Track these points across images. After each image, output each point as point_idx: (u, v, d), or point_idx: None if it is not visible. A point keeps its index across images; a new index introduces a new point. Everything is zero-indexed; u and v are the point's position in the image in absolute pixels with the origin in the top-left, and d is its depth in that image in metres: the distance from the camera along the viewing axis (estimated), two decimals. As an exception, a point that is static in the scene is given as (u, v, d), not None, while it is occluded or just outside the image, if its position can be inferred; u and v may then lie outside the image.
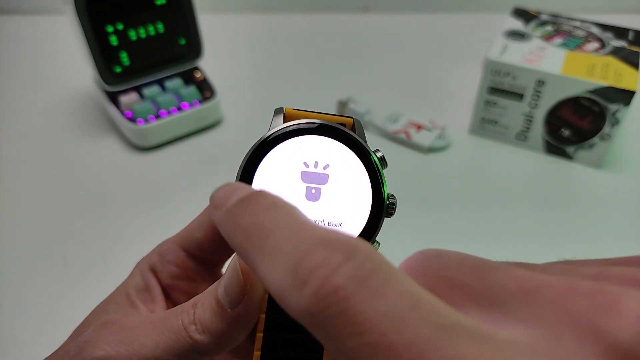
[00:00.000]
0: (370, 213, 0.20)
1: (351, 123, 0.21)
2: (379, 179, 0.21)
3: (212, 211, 0.17)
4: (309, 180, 0.20)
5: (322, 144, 0.21)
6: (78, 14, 0.50)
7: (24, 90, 0.67)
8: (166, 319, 0.21)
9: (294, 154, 0.21)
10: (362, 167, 0.21)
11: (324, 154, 0.21)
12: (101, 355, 0.20)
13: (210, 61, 0.62)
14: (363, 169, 0.21)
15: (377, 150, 0.21)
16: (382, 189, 0.21)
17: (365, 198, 0.20)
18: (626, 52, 0.55)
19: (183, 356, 0.20)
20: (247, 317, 0.20)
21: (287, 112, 0.22)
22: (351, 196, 0.20)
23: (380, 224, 0.21)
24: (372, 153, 0.21)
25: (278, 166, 0.20)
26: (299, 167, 0.21)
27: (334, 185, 0.20)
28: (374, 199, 0.20)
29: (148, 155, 0.57)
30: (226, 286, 0.20)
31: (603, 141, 0.54)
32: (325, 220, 0.20)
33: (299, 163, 0.21)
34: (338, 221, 0.20)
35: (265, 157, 0.20)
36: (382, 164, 0.21)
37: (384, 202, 0.20)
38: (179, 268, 0.25)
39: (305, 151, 0.21)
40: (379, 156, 0.21)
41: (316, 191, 0.20)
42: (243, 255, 0.15)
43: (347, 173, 0.21)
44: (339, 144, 0.21)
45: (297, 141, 0.21)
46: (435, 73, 0.71)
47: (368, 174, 0.20)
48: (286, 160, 0.21)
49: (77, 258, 0.45)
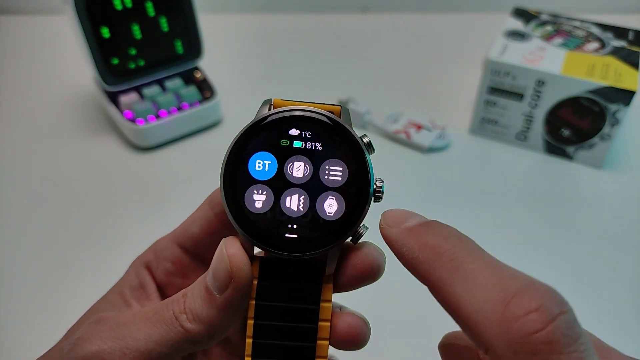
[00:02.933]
0: (357, 198, 0.20)
1: (339, 111, 0.22)
2: (365, 164, 0.21)
3: (385, 228, 0.19)
4: (295, 165, 0.21)
5: (309, 129, 0.21)
6: (78, 14, 0.50)
7: (24, 90, 0.67)
8: (157, 311, 0.21)
9: (280, 140, 0.21)
10: (349, 151, 0.21)
11: (311, 139, 0.21)
12: (94, 350, 0.20)
13: (210, 61, 0.62)
14: (350, 154, 0.21)
15: (365, 135, 0.21)
16: (368, 173, 0.21)
17: (352, 183, 0.21)
18: (626, 52, 0.55)
19: (176, 346, 0.20)
20: (236, 302, 0.20)
21: (275, 102, 0.22)
22: (338, 181, 0.21)
23: (366, 209, 0.21)
24: (359, 138, 0.21)
25: (266, 150, 0.21)
26: (286, 151, 0.21)
27: (320, 169, 0.21)
28: (360, 184, 0.21)
29: (148, 155, 0.57)
30: (214, 271, 0.20)
31: (603, 141, 0.54)
32: (312, 205, 0.20)
33: (286, 148, 0.21)
34: (325, 206, 0.20)
35: (251, 142, 0.21)
36: (369, 149, 0.21)
37: (369, 186, 0.21)
38: (174, 265, 0.25)
39: (292, 136, 0.21)
40: (366, 141, 0.21)
41: (303, 176, 0.21)
42: (425, 270, 0.17)
43: (333, 158, 0.21)
44: (325, 129, 0.21)
45: (283, 127, 0.21)
46: (435, 73, 0.71)
47: (355, 159, 0.21)
48: (274, 144, 0.21)
49: (76, 258, 0.45)
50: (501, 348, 0.15)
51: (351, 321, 0.21)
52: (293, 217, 0.20)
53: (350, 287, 0.22)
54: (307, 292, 0.21)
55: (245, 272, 0.20)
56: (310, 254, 0.20)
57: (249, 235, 0.20)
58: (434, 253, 0.17)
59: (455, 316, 0.16)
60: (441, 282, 0.17)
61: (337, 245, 0.21)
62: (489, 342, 0.15)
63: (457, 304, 0.16)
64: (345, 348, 0.22)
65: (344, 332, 0.21)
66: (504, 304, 0.15)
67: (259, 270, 0.21)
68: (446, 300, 0.17)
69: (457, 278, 0.16)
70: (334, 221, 0.20)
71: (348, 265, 0.21)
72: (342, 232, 0.20)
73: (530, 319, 0.14)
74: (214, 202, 0.24)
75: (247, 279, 0.20)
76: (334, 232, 0.20)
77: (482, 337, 0.15)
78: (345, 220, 0.20)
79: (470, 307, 0.16)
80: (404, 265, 0.19)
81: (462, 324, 0.16)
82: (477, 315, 0.15)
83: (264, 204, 0.20)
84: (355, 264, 0.21)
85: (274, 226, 0.20)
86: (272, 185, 0.21)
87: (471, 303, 0.16)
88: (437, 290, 0.17)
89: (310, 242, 0.20)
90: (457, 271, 0.17)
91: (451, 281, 0.17)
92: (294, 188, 0.21)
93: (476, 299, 0.16)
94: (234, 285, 0.20)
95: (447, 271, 0.17)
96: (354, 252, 0.21)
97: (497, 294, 0.15)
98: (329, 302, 0.21)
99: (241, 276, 0.20)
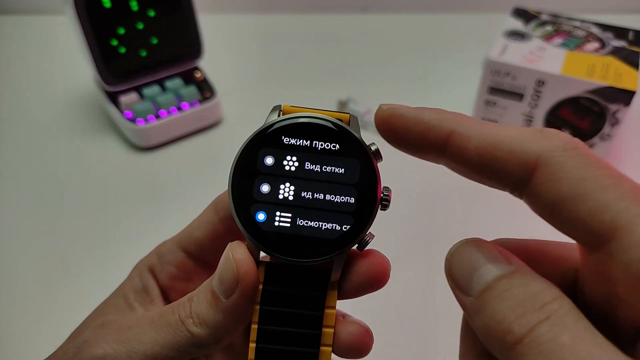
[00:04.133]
0: (364, 205, 0.20)
1: (347, 119, 0.22)
2: (374, 172, 0.21)
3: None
4: (305, 172, 0.21)
5: (318, 136, 0.21)
6: (78, 14, 0.50)
7: (24, 91, 0.67)
8: (163, 315, 0.21)
9: (288, 146, 0.21)
10: (357, 159, 0.21)
11: (319, 146, 0.21)
12: (100, 353, 0.20)
13: (210, 61, 0.62)
14: (358, 162, 0.21)
15: (373, 143, 0.21)
16: (376, 181, 0.21)
17: (359, 190, 0.21)
18: (626, 52, 0.55)
19: (182, 350, 0.20)
20: (242, 306, 0.20)
21: (285, 108, 0.22)
22: (346, 188, 0.21)
23: (373, 216, 0.21)
24: (367, 146, 0.21)
25: (273, 156, 0.21)
26: (294, 158, 0.21)
27: (329, 176, 0.21)
28: (368, 192, 0.20)
29: (148, 155, 0.57)
30: (220, 276, 0.20)
31: (603, 141, 0.54)
32: (319, 212, 0.20)
33: (294, 154, 0.21)
34: (332, 213, 0.20)
35: (261, 148, 0.21)
36: (377, 157, 0.21)
37: (377, 194, 0.21)
38: (177, 269, 0.25)
39: (300, 142, 0.21)
40: (374, 149, 0.21)
41: (311, 183, 0.21)
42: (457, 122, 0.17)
43: (342, 165, 0.21)
44: (334, 137, 0.21)
45: (292, 133, 0.21)
46: (435, 73, 0.71)
47: (363, 167, 0.21)
48: (281, 151, 0.21)
49: (76, 258, 0.45)
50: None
51: (354, 330, 0.21)
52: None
53: (355, 294, 0.22)
54: (312, 298, 0.21)
55: (252, 276, 0.20)
56: (316, 261, 0.20)
57: (255, 240, 0.20)
58: (455, 114, 0.18)
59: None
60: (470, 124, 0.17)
61: (343, 252, 0.21)
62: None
63: (496, 139, 0.17)
64: (348, 356, 0.22)
65: (347, 341, 0.21)
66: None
67: (265, 275, 0.21)
68: (486, 139, 0.17)
69: (486, 126, 0.17)
70: (341, 228, 0.20)
71: (353, 272, 0.21)
72: (349, 239, 0.20)
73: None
74: (218, 206, 0.24)
75: (254, 284, 0.20)
76: (340, 239, 0.20)
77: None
78: (352, 227, 0.20)
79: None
80: (419, 136, 0.18)
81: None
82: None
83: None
84: (360, 271, 0.21)
85: (281, 232, 0.20)
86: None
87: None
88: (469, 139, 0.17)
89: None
90: (485, 124, 0.17)
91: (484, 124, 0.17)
92: (302, 194, 0.21)
93: (512, 131, 0.17)
94: (241, 289, 0.20)
95: (477, 123, 0.17)
96: (360, 259, 0.21)
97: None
98: (334, 309, 0.21)
99: (247, 281, 0.20)
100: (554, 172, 0.15)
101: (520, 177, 0.16)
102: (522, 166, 0.16)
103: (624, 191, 0.14)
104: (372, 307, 0.28)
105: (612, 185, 0.14)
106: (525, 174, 0.16)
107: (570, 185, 0.15)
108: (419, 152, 0.19)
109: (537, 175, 0.16)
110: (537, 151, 0.16)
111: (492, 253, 0.17)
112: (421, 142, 0.18)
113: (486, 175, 0.17)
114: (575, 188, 0.15)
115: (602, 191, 0.14)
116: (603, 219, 0.14)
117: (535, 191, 0.16)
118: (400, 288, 0.43)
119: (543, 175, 0.15)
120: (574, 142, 0.16)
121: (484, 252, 0.17)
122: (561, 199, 0.15)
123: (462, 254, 0.17)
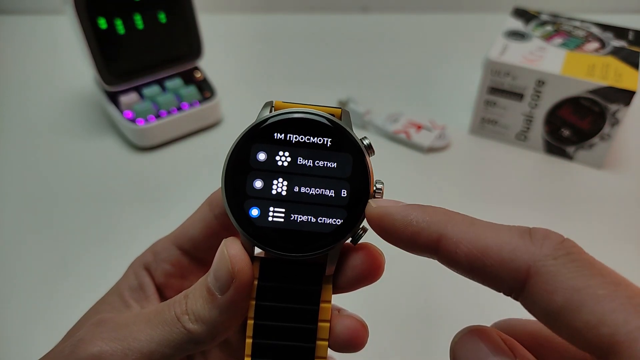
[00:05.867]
0: (357, 199, 0.21)
1: (339, 113, 0.22)
2: (365, 166, 0.21)
3: (385, 207, 0.19)
4: (297, 167, 0.21)
5: (309, 131, 0.21)
6: (78, 14, 0.50)
7: (24, 91, 0.67)
8: (159, 312, 0.21)
9: (281, 142, 0.21)
10: (349, 154, 0.21)
11: (311, 141, 0.21)
12: (95, 351, 0.20)
13: (210, 61, 0.62)
14: (350, 156, 0.21)
15: (365, 137, 0.21)
16: (368, 175, 0.21)
17: (352, 184, 0.21)
18: (626, 52, 0.55)
19: (178, 347, 0.20)
20: (237, 302, 0.20)
21: (276, 104, 0.22)
22: (339, 182, 0.21)
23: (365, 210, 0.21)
24: (359, 140, 0.21)
25: (265, 152, 0.21)
26: (286, 153, 0.21)
27: (321, 171, 0.21)
28: (361, 186, 0.21)
29: (148, 155, 0.57)
30: (215, 272, 0.20)
31: (603, 141, 0.54)
32: (313, 206, 0.20)
33: (286, 150, 0.21)
34: (325, 207, 0.21)
35: (253, 144, 0.21)
36: (369, 151, 0.21)
37: (369, 188, 0.21)
38: (173, 266, 0.25)
39: (292, 138, 0.21)
40: (366, 143, 0.21)
41: (304, 178, 0.21)
42: (441, 228, 0.17)
43: (334, 160, 0.21)
44: (326, 132, 0.21)
45: (284, 129, 0.21)
46: (435, 73, 0.71)
47: (355, 161, 0.21)
48: (273, 147, 0.21)
49: (76, 258, 0.45)
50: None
51: (349, 323, 0.21)
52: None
53: (349, 287, 0.22)
54: (307, 292, 0.21)
55: (247, 272, 0.20)
56: (311, 255, 0.21)
57: (250, 236, 0.20)
58: (444, 213, 0.18)
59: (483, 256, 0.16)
60: (463, 233, 0.17)
61: (337, 246, 0.21)
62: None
63: (484, 246, 0.16)
64: (344, 350, 0.22)
65: (343, 335, 0.21)
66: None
67: (260, 271, 0.21)
68: (475, 245, 0.17)
69: (475, 229, 0.17)
70: (335, 222, 0.20)
71: (348, 266, 0.21)
72: (342, 233, 0.20)
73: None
74: (213, 203, 0.24)
75: (249, 280, 0.20)
76: (334, 233, 0.20)
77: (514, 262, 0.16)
78: (345, 221, 0.20)
79: (495, 243, 0.16)
80: (409, 239, 0.18)
81: (486, 262, 0.16)
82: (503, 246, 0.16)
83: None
84: (355, 264, 0.21)
85: (275, 227, 0.20)
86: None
87: (497, 240, 0.16)
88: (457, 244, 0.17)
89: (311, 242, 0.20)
90: (473, 224, 0.17)
91: (471, 230, 0.17)
92: (294, 189, 0.21)
93: (500, 237, 0.16)
94: (236, 285, 0.20)
95: (465, 225, 0.17)
96: (354, 253, 0.21)
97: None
98: (329, 303, 0.21)
99: (242, 277, 0.20)
100: (547, 282, 0.15)
101: (512, 286, 0.16)
102: (513, 275, 0.16)
103: (621, 302, 0.14)
104: (366, 301, 0.28)
105: (607, 296, 0.14)
106: (517, 283, 0.16)
107: (565, 296, 0.15)
108: (414, 252, 0.19)
109: (530, 284, 0.15)
110: (528, 260, 0.15)
111: (496, 345, 0.17)
112: (413, 244, 0.18)
113: (479, 279, 0.17)
114: (569, 299, 0.14)
115: (597, 303, 0.14)
116: (601, 332, 0.14)
117: (530, 299, 0.16)
118: (394, 281, 0.43)
119: (536, 285, 0.15)
120: (565, 245, 0.16)
121: (487, 343, 0.17)
122: (557, 309, 0.15)
123: (466, 345, 0.18)
